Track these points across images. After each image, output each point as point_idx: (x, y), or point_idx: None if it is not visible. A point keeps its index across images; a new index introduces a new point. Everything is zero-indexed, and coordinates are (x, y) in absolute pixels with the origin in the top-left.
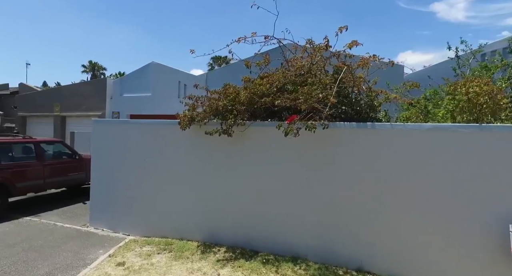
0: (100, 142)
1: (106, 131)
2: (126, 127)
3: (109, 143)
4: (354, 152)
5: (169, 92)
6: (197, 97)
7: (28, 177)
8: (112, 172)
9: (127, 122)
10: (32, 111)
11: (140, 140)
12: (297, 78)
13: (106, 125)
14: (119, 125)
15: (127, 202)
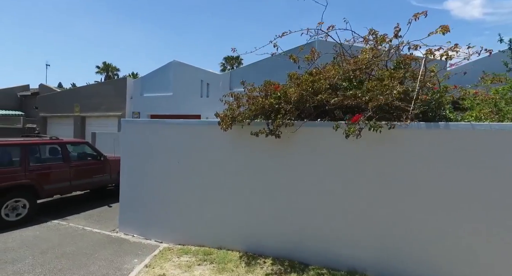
0: (130, 143)
1: (137, 132)
2: (159, 127)
3: (140, 144)
4: (423, 156)
5: (191, 91)
6: (239, 95)
7: (55, 179)
8: (143, 175)
9: (159, 122)
10: (52, 112)
11: (174, 142)
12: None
13: (136, 125)
14: (151, 125)
15: (159, 207)
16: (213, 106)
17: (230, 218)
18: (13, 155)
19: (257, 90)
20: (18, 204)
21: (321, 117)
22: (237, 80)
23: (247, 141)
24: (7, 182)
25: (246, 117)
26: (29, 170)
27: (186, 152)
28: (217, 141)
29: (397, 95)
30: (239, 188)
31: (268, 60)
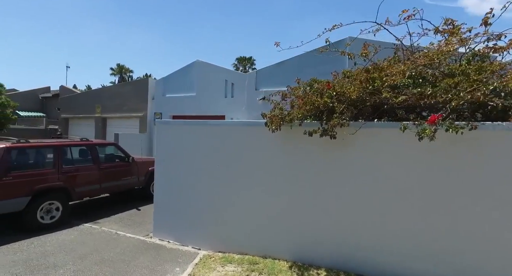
0: (165, 145)
1: (173, 133)
2: (196, 129)
3: (176, 146)
4: None
5: (215, 91)
6: (286, 93)
7: (86, 182)
8: (179, 179)
9: (197, 123)
10: (74, 113)
11: (213, 144)
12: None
13: (172, 127)
14: (188, 127)
15: (197, 212)
16: (238, 107)
17: (276, 225)
18: (47, 157)
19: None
20: (52, 207)
21: (378, 117)
22: (263, 80)
23: (296, 143)
24: (43, 184)
25: (298, 117)
26: (62, 172)
27: (227, 155)
28: (262, 143)
29: (490, 91)
30: (286, 193)
31: (295, 59)
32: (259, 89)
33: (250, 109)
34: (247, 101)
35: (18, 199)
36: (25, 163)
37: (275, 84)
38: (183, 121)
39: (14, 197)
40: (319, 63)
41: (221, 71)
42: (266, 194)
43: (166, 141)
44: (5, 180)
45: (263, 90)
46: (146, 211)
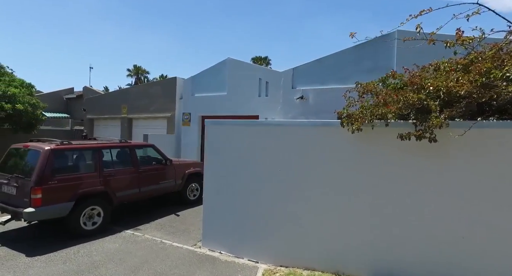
0: (215, 147)
1: (226, 134)
2: (254, 129)
3: (229, 148)
4: None
5: (248, 90)
6: (368, 88)
7: (126, 186)
8: (232, 184)
9: (252, 123)
10: (99, 114)
11: (273, 146)
12: None
13: (225, 127)
14: (244, 127)
15: (254, 220)
16: (273, 106)
17: (354, 237)
18: (88, 159)
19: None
20: (93, 212)
21: (486, 116)
22: (300, 78)
23: (378, 145)
24: (86, 189)
25: (388, 116)
26: (103, 175)
27: (290, 158)
28: (333, 146)
29: None
30: (366, 202)
31: (334, 56)
32: (296, 87)
33: (286, 109)
34: (283, 100)
35: (63, 204)
36: (69, 166)
37: (313, 82)
38: (237, 121)
39: (59, 202)
40: (361, 59)
41: (254, 69)
42: (340, 202)
43: (217, 143)
44: (51, 184)
45: (301, 89)
46: (185, 217)
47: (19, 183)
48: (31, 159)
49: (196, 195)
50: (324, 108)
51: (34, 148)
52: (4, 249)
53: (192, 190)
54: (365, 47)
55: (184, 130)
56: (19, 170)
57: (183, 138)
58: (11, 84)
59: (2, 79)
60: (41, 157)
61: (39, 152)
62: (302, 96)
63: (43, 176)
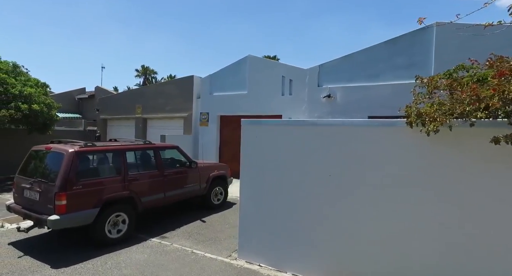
0: (253, 149)
1: (266, 135)
2: (301, 130)
3: (269, 150)
4: None
5: (270, 89)
6: (435, 83)
7: (151, 190)
8: (274, 190)
9: (298, 123)
10: (113, 114)
11: (322, 148)
12: None
13: (265, 127)
14: (286, 128)
15: (300, 231)
16: (297, 105)
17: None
18: (112, 162)
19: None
20: (118, 219)
21: None
22: (327, 75)
23: (457, 151)
24: (112, 194)
25: (483, 115)
26: (128, 179)
27: (341, 163)
28: (395, 149)
29: None
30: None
31: (364, 52)
32: (322, 85)
33: (312, 108)
34: (308, 99)
35: (88, 211)
36: (93, 169)
37: (341, 79)
38: (280, 121)
39: (84, 208)
40: (393, 55)
41: (277, 66)
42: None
43: (256, 145)
44: (76, 190)
45: (327, 87)
46: (212, 224)
47: (42, 188)
48: (54, 162)
49: (220, 200)
50: (353, 107)
51: (57, 151)
52: (27, 259)
53: (216, 194)
54: (398, 42)
55: (201, 130)
56: (42, 174)
57: (201, 139)
58: (27, 84)
59: (18, 79)
60: (65, 160)
61: (62, 155)
62: (329, 94)
63: (68, 181)
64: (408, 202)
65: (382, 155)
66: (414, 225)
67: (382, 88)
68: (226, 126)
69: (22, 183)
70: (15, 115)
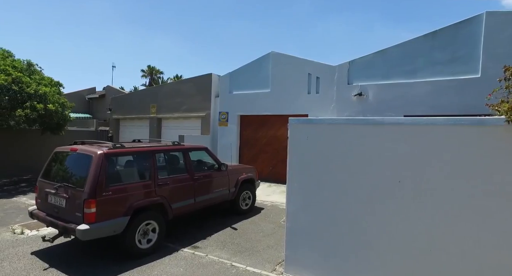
0: (304, 151)
1: (320, 136)
2: (360, 130)
3: (323, 153)
4: None
5: (295, 87)
6: None
7: (182, 196)
8: (330, 199)
9: (361, 121)
10: (126, 113)
11: (388, 150)
12: None
13: (319, 127)
14: (346, 127)
15: (362, 246)
16: (325, 104)
17: None
18: (142, 165)
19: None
20: (148, 228)
21: None
22: (358, 72)
23: None
24: (142, 200)
25: None
26: (158, 184)
27: (415, 167)
28: (490, 152)
29: None
30: None
31: (400, 47)
32: (352, 83)
33: (341, 107)
34: (337, 97)
35: (118, 219)
36: (123, 173)
37: (374, 76)
38: (337, 120)
39: (114, 217)
40: (433, 50)
41: (303, 63)
42: None
43: (307, 147)
44: (106, 196)
45: (358, 84)
46: (245, 231)
47: (69, 193)
48: (81, 166)
49: (248, 204)
50: (386, 106)
51: (84, 152)
52: (53, 272)
53: (245, 199)
54: (438, 36)
55: (220, 130)
56: (68, 178)
57: (220, 139)
58: (41, 83)
59: (33, 78)
60: (93, 163)
61: (90, 157)
62: (361, 92)
63: (97, 186)
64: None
65: (473, 158)
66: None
67: (419, 86)
68: (247, 126)
69: (46, 188)
70: (30, 115)
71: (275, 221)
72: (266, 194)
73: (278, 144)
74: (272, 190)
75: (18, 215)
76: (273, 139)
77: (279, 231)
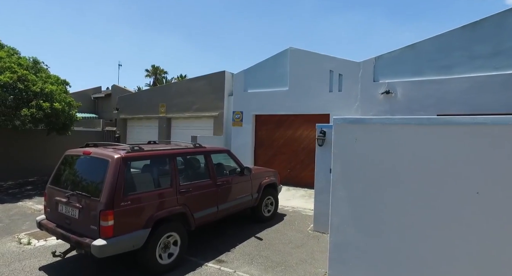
0: (353, 155)
1: (370, 138)
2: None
3: (376, 159)
4: None
5: (315, 85)
6: None
7: (204, 203)
8: (387, 210)
9: (427, 121)
10: (133, 113)
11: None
12: None
13: (370, 127)
14: (408, 128)
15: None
16: (348, 103)
17: None
18: (162, 170)
19: None
20: (169, 241)
21: None
22: (385, 68)
23: None
24: (164, 210)
25: None
26: (180, 191)
27: (498, 177)
28: None
29: None
30: None
31: (432, 40)
32: (379, 80)
33: (366, 106)
34: (361, 95)
35: (138, 232)
36: (142, 179)
37: (403, 73)
38: (393, 119)
39: (134, 229)
40: (472, 43)
41: (324, 60)
42: None
43: (355, 150)
44: (124, 206)
45: (386, 82)
46: (271, 242)
47: (83, 203)
48: (96, 171)
49: (271, 211)
50: (417, 104)
51: (99, 156)
52: None
53: (267, 205)
54: (479, 27)
55: (234, 131)
56: (81, 185)
57: (234, 140)
58: (47, 81)
59: (39, 76)
60: (110, 168)
61: (106, 162)
62: (388, 90)
63: (115, 195)
64: None
65: None
66: None
67: (456, 82)
68: (263, 127)
69: (56, 196)
70: (36, 115)
71: (302, 229)
72: (286, 198)
73: (296, 145)
74: (291, 194)
75: (24, 222)
76: (291, 140)
77: (309, 242)
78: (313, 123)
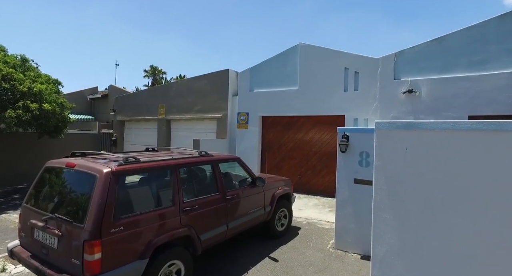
0: (401, 169)
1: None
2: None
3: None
4: None
5: (328, 84)
6: None
7: (212, 222)
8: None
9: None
10: (131, 115)
11: None
12: None
13: (425, 134)
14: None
15: None
16: (366, 103)
17: None
18: (163, 185)
19: None
20: (171, 270)
21: None
22: (407, 65)
23: None
24: (164, 235)
25: None
26: (183, 209)
27: None
28: None
29: None
30: None
31: (463, 33)
32: (400, 78)
33: (386, 106)
34: (380, 95)
35: (132, 265)
36: (138, 197)
37: (428, 70)
38: (461, 124)
39: (127, 262)
40: (510, 35)
41: (338, 56)
42: None
43: (407, 162)
44: (115, 233)
45: (408, 80)
46: (289, 264)
47: (63, 229)
48: (81, 188)
49: (284, 225)
50: (445, 104)
51: (84, 170)
52: None
53: (280, 218)
54: None
55: (239, 133)
56: (62, 206)
57: (239, 144)
58: (37, 80)
59: (27, 74)
60: (98, 185)
61: (93, 177)
62: (411, 89)
63: (104, 220)
64: None
65: None
66: None
67: (490, 79)
68: (270, 129)
69: (32, 218)
70: (23, 116)
71: (321, 247)
72: (298, 208)
73: (307, 149)
74: (303, 203)
75: (4, 240)
76: (302, 143)
77: (332, 264)
78: (326, 125)
